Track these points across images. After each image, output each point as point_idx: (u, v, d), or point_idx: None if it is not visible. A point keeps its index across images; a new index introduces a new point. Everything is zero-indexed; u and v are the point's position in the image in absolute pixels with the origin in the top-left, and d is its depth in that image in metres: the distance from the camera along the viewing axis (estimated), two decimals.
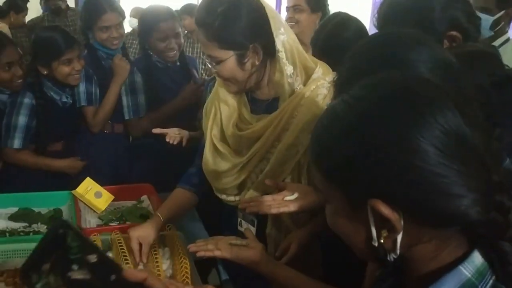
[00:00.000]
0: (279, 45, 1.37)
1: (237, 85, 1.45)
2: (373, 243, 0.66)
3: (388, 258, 0.67)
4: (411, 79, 0.71)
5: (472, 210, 0.63)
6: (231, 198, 1.54)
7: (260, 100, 1.50)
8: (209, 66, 1.46)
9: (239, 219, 1.59)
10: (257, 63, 1.39)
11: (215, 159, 1.52)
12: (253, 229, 1.53)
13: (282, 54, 1.37)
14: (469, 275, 0.64)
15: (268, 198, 1.31)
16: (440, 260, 0.67)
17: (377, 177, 0.63)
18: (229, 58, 1.37)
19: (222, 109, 1.51)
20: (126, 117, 2.45)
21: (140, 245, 1.53)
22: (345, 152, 0.66)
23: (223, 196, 1.55)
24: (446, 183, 0.62)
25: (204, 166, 1.56)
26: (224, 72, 1.41)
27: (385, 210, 0.63)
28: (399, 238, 0.65)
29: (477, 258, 0.65)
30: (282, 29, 1.38)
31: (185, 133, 2.06)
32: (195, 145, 1.76)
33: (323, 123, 0.71)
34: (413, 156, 0.62)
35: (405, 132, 0.63)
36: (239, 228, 1.60)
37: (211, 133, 1.54)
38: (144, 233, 1.54)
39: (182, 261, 1.48)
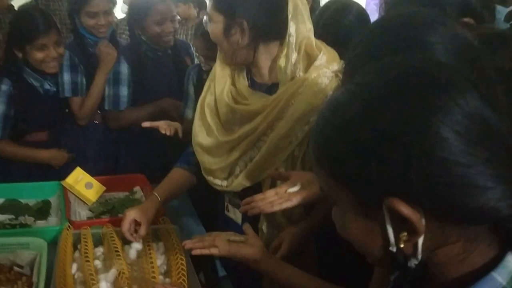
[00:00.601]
0: (291, 30, 1.32)
1: (225, 55, 1.43)
2: (390, 248, 0.59)
3: (409, 265, 0.60)
4: (421, 61, 0.63)
5: (503, 203, 0.55)
6: (218, 182, 1.48)
7: (259, 83, 1.44)
8: None
9: (225, 203, 1.54)
10: (240, 41, 1.35)
11: (202, 132, 1.49)
12: (239, 215, 1.47)
13: (293, 39, 1.33)
14: (504, 283, 0.57)
15: (270, 194, 1.23)
16: (468, 263, 0.60)
17: (392, 171, 0.55)
18: (219, 23, 1.35)
19: (217, 79, 1.47)
20: (105, 107, 2.32)
21: (132, 226, 1.47)
22: (351, 145, 0.58)
23: (210, 178, 1.50)
24: (472, 174, 0.54)
25: (193, 138, 1.53)
26: (212, 34, 1.40)
27: (404, 209, 0.56)
28: (421, 240, 0.57)
29: (511, 262, 0.58)
30: (299, 16, 1.33)
31: (177, 124, 1.98)
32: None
33: (324, 116, 0.63)
34: (433, 145, 0.54)
35: (421, 118, 0.55)
36: (225, 213, 1.55)
37: (204, 102, 1.49)
38: (142, 212, 1.48)
39: (178, 256, 1.41)
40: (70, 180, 1.87)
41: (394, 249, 0.58)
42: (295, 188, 1.22)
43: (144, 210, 1.50)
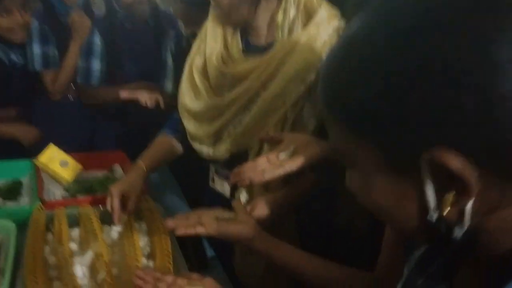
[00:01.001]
0: None
1: (223, 14, 1.29)
2: (429, 217, 0.47)
3: (454, 235, 0.47)
4: None
5: None
6: (205, 149, 1.37)
7: (255, 45, 1.32)
8: None
9: (211, 174, 1.42)
10: None
11: (189, 95, 1.38)
12: (227, 188, 1.37)
13: None
14: None
15: (262, 161, 1.10)
16: None
17: (436, 115, 0.43)
18: None
19: (208, 40, 1.35)
20: (77, 80, 2.16)
21: (122, 203, 1.35)
22: (379, 85, 0.45)
23: (196, 145, 1.40)
24: None
25: (179, 100, 1.42)
26: None
27: (454, 163, 0.43)
28: (470, 203, 0.45)
29: None
30: None
31: (158, 95, 1.83)
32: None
33: (337, 56, 0.50)
34: (492, 78, 0.41)
35: (475, 43, 0.42)
36: (210, 184, 1.44)
37: (193, 64, 1.38)
38: (129, 185, 1.37)
39: (162, 236, 1.29)
40: (43, 158, 1.74)
41: (435, 217, 0.46)
42: (285, 154, 1.10)
43: (131, 183, 1.38)
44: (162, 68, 2.04)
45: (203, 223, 1.07)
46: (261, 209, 1.18)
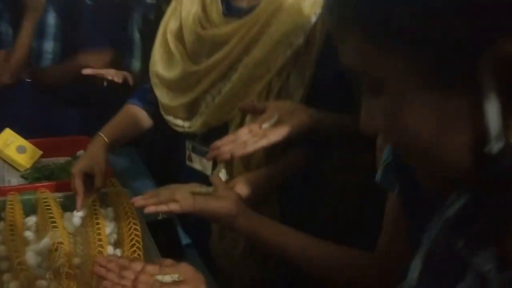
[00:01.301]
0: None
1: None
2: (488, 148, 0.34)
3: None
4: None
5: None
6: (179, 123, 1.26)
7: (237, 8, 1.20)
8: None
9: (187, 152, 1.29)
10: None
11: (163, 61, 1.27)
12: (208, 165, 1.25)
13: None
14: None
15: (243, 132, 0.98)
16: None
17: None
18: None
19: (185, 1, 1.24)
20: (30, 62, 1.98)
21: (87, 184, 1.21)
22: None
23: (169, 118, 1.28)
24: None
25: (150, 68, 1.30)
26: None
27: None
28: None
29: None
30: None
31: (125, 72, 1.68)
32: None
33: None
34: None
35: None
36: (187, 163, 1.30)
37: (167, 28, 1.26)
38: (91, 161, 1.23)
39: (130, 221, 1.14)
40: None
41: (498, 147, 0.34)
42: (268, 123, 0.98)
43: (92, 158, 1.24)
44: (128, 47, 1.88)
45: (177, 199, 0.94)
46: (241, 189, 1.06)
